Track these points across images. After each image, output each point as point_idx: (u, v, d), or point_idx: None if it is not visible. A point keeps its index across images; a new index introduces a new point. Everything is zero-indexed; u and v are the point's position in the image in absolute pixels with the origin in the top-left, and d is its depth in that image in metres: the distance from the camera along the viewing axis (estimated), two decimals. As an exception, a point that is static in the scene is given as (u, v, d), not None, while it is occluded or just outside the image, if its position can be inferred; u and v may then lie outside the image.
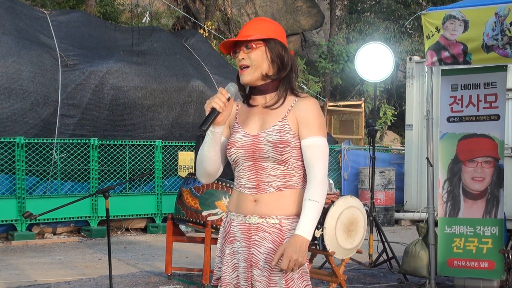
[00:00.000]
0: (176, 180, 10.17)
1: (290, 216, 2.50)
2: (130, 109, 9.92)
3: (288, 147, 2.47)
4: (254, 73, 2.51)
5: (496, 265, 5.65)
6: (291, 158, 2.49)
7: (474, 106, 5.83)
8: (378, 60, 7.78)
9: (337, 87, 19.75)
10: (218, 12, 17.10)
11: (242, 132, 2.55)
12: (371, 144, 7.45)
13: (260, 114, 2.56)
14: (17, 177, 8.71)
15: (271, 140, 2.48)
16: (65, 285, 6.06)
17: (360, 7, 21.02)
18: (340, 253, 5.56)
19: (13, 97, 8.90)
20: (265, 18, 2.63)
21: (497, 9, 5.26)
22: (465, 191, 5.84)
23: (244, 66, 2.51)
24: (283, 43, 2.55)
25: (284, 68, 2.53)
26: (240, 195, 2.55)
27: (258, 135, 2.51)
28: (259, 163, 2.51)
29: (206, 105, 2.46)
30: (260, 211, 2.50)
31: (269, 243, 2.48)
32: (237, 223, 2.56)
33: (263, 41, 2.51)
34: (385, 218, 11.57)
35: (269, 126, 2.51)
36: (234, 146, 2.54)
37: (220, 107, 2.44)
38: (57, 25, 10.10)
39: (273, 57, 2.51)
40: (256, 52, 2.50)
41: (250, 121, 2.56)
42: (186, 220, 6.00)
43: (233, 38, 2.56)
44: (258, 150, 2.50)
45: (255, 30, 2.53)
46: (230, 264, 2.58)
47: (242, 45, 2.52)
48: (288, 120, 2.50)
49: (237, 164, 2.56)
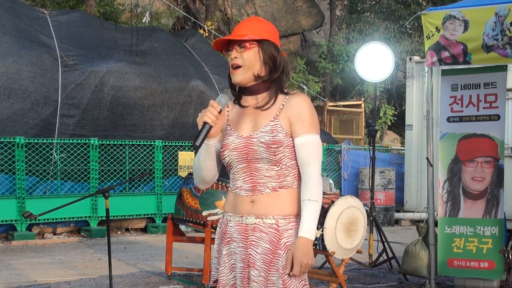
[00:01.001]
0: (176, 180, 10.17)
1: (287, 216, 2.50)
2: (130, 109, 9.92)
3: (281, 147, 2.47)
4: (246, 73, 2.50)
5: (496, 265, 5.65)
6: (284, 157, 2.48)
7: (474, 106, 5.83)
8: (378, 60, 7.78)
9: (337, 87, 19.75)
10: (218, 12, 17.10)
11: (235, 134, 2.54)
12: (371, 144, 7.45)
13: (252, 115, 2.55)
14: (17, 177, 8.71)
15: (263, 141, 2.47)
16: (65, 285, 6.06)
17: (360, 7, 21.01)
18: (340, 253, 5.56)
19: (13, 97, 8.90)
20: (259, 18, 2.62)
21: (497, 9, 5.26)
22: (465, 191, 5.84)
23: (236, 65, 2.50)
24: (276, 44, 2.55)
25: (276, 70, 2.52)
26: (237, 197, 2.55)
27: (251, 137, 2.50)
28: (253, 164, 2.50)
29: (198, 119, 2.46)
30: (257, 211, 2.50)
31: (266, 243, 2.48)
32: (233, 224, 2.56)
33: (256, 41, 2.50)
34: (385, 218, 11.57)
35: (261, 126, 2.50)
36: (227, 149, 2.53)
37: (212, 121, 2.44)
38: (57, 25, 10.10)
39: (266, 58, 2.50)
40: (249, 52, 2.50)
41: (242, 123, 2.56)
42: (186, 220, 6.00)
43: (226, 36, 2.55)
44: (252, 151, 2.49)
45: (249, 29, 2.52)
46: (227, 264, 2.58)
47: (235, 43, 2.51)
48: (280, 119, 2.49)
49: (232, 166, 2.56)
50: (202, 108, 2.69)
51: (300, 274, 2.41)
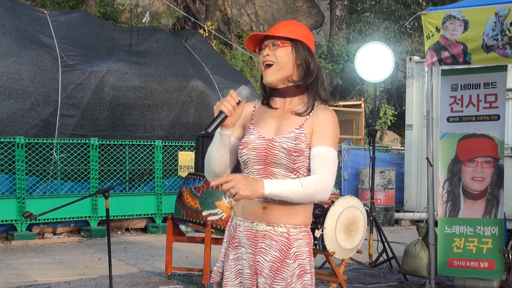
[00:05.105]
0: (176, 180, 10.17)
1: (298, 226, 2.45)
2: (130, 109, 9.93)
3: (301, 156, 2.41)
4: (278, 72, 2.44)
5: (496, 265, 5.65)
6: (303, 167, 2.42)
7: (474, 106, 5.83)
8: (378, 60, 7.78)
9: (337, 87, 19.75)
10: (218, 12, 17.10)
11: (257, 134, 2.48)
12: (371, 144, 7.45)
13: (278, 117, 2.49)
14: (17, 177, 8.71)
15: (285, 147, 2.41)
16: (65, 285, 6.06)
17: (360, 7, 21.01)
18: (340, 253, 5.56)
19: (13, 97, 8.90)
20: (296, 22, 2.56)
21: (497, 9, 5.26)
22: (465, 191, 5.84)
23: (268, 62, 2.44)
24: (311, 49, 2.48)
25: (310, 75, 2.46)
26: (248, 201, 2.47)
27: (273, 140, 2.44)
28: (270, 168, 2.44)
29: (215, 107, 2.38)
30: (268, 218, 2.44)
31: (276, 252, 2.43)
32: (243, 229, 2.50)
33: (290, 41, 2.45)
34: (385, 218, 11.57)
35: (285, 131, 2.44)
36: (246, 147, 2.47)
37: (228, 111, 2.35)
38: (57, 25, 10.10)
39: (299, 59, 2.45)
40: (281, 50, 2.44)
41: (266, 124, 2.49)
42: (186, 220, 6.00)
43: (261, 32, 2.50)
44: (271, 155, 2.43)
45: (285, 30, 2.47)
46: (233, 270, 2.51)
47: (269, 42, 2.46)
48: (305, 129, 2.43)
49: (247, 166, 2.49)
50: (202, 108, 2.68)
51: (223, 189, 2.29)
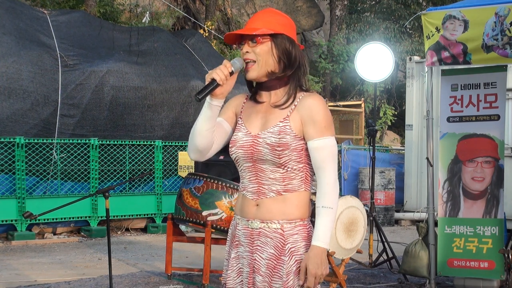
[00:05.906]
0: (176, 180, 10.17)
1: (292, 220, 2.43)
2: (130, 109, 9.93)
3: (287, 150, 2.38)
4: (260, 69, 2.41)
5: (496, 265, 5.65)
6: (290, 161, 2.40)
7: (474, 106, 5.83)
8: (378, 60, 7.78)
9: (337, 87, 19.75)
10: (218, 12, 17.10)
11: (244, 131, 2.47)
12: (371, 144, 7.45)
13: (264, 112, 2.48)
14: (17, 177, 8.71)
15: (269, 143, 2.39)
16: (65, 285, 6.06)
17: (360, 7, 21.01)
18: (340, 253, 5.56)
19: (13, 97, 8.90)
20: (275, 10, 2.51)
21: (497, 9, 5.26)
22: (465, 191, 5.84)
23: (250, 60, 2.41)
24: (292, 37, 2.44)
25: (291, 65, 2.43)
26: (244, 199, 2.50)
27: (258, 136, 2.43)
28: (259, 165, 2.44)
29: (207, 75, 2.34)
30: (262, 215, 2.44)
31: (271, 249, 2.43)
32: (241, 227, 2.51)
33: (269, 35, 2.40)
34: (385, 218, 11.57)
35: (269, 126, 2.42)
36: (235, 146, 2.47)
37: (220, 79, 2.32)
38: (57, 25, 10.10)
39: (279, 53, 2.40)
40: (261, 47, 2.40)
41: (253, 119, 2.48)
42: (186, 220, 6.00)
43: (238, 30, 2.46)
44: (256, 152, 2.42)
45: (262, 22, 2.42)
46: (235, 268, 2.52)
47: (248, 37, 2.42)
48: (290, 121, 2.40)
49: (238, 164, 2.50)
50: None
51: (314, 286, 2.33)
